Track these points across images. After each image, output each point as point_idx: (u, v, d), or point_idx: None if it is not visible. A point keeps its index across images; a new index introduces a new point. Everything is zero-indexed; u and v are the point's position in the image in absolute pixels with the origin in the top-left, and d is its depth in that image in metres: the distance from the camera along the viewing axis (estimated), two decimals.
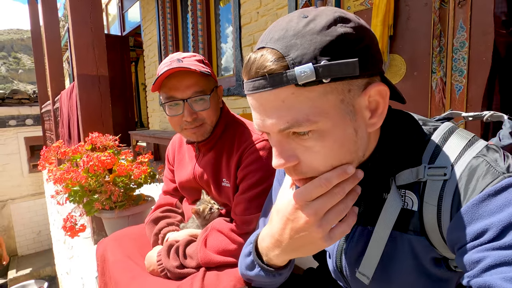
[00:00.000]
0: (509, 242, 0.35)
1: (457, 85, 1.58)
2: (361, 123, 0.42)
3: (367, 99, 0.41)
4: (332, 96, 0.39)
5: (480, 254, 0.36)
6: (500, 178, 0.38)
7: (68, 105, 2.26)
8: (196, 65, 0.84)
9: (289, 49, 0.38)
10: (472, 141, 0.43)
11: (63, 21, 10.78)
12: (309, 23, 0.39)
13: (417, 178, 0.44)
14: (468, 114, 0.55)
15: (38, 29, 5.32)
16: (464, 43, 1.53)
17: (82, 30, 1.58)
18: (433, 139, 0.46)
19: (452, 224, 0.41)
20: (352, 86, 0.39)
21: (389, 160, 0.47)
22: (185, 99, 0.85)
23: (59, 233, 2.94)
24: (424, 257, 0.46)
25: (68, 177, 1.31)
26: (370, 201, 0.51)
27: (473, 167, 0.40)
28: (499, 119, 0.51)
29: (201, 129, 0.89)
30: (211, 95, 0.88)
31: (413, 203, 0.45)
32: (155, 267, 0.86)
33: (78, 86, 1.62)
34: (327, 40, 0.38)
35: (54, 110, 3.52)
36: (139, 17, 5.07)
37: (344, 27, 0.39)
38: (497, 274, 0.34)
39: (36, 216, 8.08)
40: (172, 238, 0.93)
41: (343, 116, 0.40)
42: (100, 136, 1.49)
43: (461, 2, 1.51)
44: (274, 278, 0.56)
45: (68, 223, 1.35)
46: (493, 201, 0.37)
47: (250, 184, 0.84)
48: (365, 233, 0.51)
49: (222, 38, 3.54)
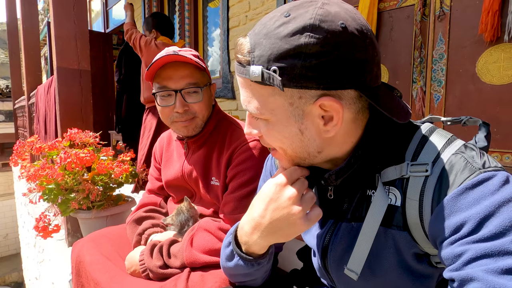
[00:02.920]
0: (488, 234, 0.36)
1: (436, 94, 1.65)
2: (311, 127, 0.45)
3: (318, 109, 0.43)
4: (280, 98, 0.43)
5: (461, 248, 0.37)
6: (477, 173, 0.40)
7: (45, 100, 2.16)
8: (192, 58, 0.84)
9: (255, 47, 0.42)
10: (451, 140, 0.46)
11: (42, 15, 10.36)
12: (283, 25, 0.41)
13: (401, 175, 0.46)
14: (446, 119, 0.57)
15: (15, 22, 5.08)
16: (442, 55, 1.61)
17: (64, 22, 1.52)
18: (415, 138, 0.47)
19: (433, 217, 0.42)
20: (304, 95, 0.42)
21: (373, 157, 0.48)
22: (178, 90, 0.83)
23: (29, 236, 2.77)
24: (406, 253, 0.47)
25: (43, 174, 1.24)
26: (354, 198, 0.51)
27: (452, 163, 0.42)
28: (475, 123, 0.54)
29: (192, 123, 0.87)
30: (204, 89, 0.87)
31: (397, 198, 0.46)
32: (136, 268, 0.82)
33: (57, 80, 1.54)
34: (284, 48, 0.40)
35: (29, 105, 3.35)
36: (123, 14, 4.96)
37: (310, 37, 0.39)
38: (478, 266, 0.35)
39: (3, 218, 7.61)
40: (156, 239, 0.90)
41: (288, 117, 0.44)
42: (80, 133, 1.43)
43: (441, 16, 1.59)
44: (253, 267, 0.56)
45: (41, 223, 1.27)
46: (470, 194, 0.39)
47: (240, 183, 0.83)
48: (349, 230, 0.52)
49: (209, 40, 3.52)
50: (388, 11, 1.79)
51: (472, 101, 1.53)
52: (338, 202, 0.54)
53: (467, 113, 1.55)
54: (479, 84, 1.50)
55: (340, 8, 0.42)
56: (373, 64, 0.42)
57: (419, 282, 0.49)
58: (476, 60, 1.50)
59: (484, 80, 1.48)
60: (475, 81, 1.51)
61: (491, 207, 0.37)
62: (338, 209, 0.54)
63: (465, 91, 1.54)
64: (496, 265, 0.34)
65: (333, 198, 0.55)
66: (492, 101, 1.46)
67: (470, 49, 1.51)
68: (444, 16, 1.58)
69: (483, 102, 1.49)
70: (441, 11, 1.58)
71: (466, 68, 1.53)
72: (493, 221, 0.36)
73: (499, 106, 1.45)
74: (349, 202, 0.52)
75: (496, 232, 0.36)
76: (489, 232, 0.36)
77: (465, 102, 1.55)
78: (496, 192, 0.38)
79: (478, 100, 1.51)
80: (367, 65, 0.41)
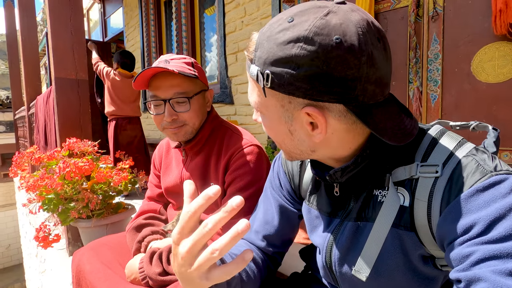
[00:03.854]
0: (497, 236, 0.36)
1: (432, 94, 1.66)
2: (299, 130, 0.46)
3: (306, 116, 0.43)
4: (273, 98, 0.45)
5: (469, 249, 0.37)
6: (488, 175, 0.40)
7: (44, 110, 2.17)
8: (182, 67, 0.84)
9: (259, 47, 0.44)
10: (462, 142, 0.45)
11: (41, 25, 10.46)
12: (283, 30, 0.41)
13: (410, 175, 0.46)
14: (455, 124, 0.57)
15: (14, 33, 5.13)
16: (437, 55, 1.62)
17: (61, 32, 1.53)
18: (426, 139, 0.47)
19: (442, 219, 0.42)
20: (293, 100, 0.43)
21: (382, 157, 0.48)
22: (167, 100, 0.85)
23: (31, 246, 2.77)
24: (412, 254, 0.47)
25: (43, 184, 1.25)
26: (360, 196, 0.51)
27: (463, 165, 0.42)
28: (485, 129, 0.54)
29: (181, 130, 0.89)
30: (194, 98, 0.88)
31: (405, 199, 0.46)
32: (136, 275, 0.82)
33: (55, 90, 1.56)
34: (278, 55, 0.41)
35: (29, 116, 3.37)
36: (122, 23, 5.01)
37: (301, 48, 0.39)
38: (486, 267, 0.35)
39: (6, 228, 7.61)
40: (155, 246, 0.90)
41: (279, 117, 0.46)
42: (78, 142, 1.43)
43: (434, 16, 1.60)
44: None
45: (41, 233, 1.27)
46: (481, 196, 0.39)
47: (238, 188, 0.83)
48: (354, 229, 0.51)
49: (206, 46, 3.55)
50: (383, 12, 1.81)
51: (468, 100, 1.53)
52: (344, 200, 0.54)
53: (463, 112, 1.55)
54: (475, 83, 1.50)
55: (344, 19, 0.39)
56: (367, 82, 0.40)
57: (423, 284, 0.49)
58: (471, 59, 1.51)
59: (479, 79, 1.49)
60: (471, 80, 1.51)
61: (502, 210, 0.37)
62: (343, 208, 0.54)
63: (461, 90, 1.55)
64: (504, 266, 0.34)
65: (339, 195, 0.55)
66: (488, 99, 1.47)
67: (465, 48, 1.52)
68: (438, 17, 1.59)
69: (479, 101, 1.50)
70: (435, 12, 1.60)
71: (462, 67, 1.54)
72: (504, 223, 0.36)
73: (495, 104, 1.45)
74: (355, 200, 0.52)
75: (506, 235, 0.35)
76: (498, 234, 0.36)
77: (462, 101, 1.55)
78: (507, 195, 0.38)
79: (474, 98, 1.51)
80: (359, 84, 0.39)
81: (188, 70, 0.86)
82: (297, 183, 0.66)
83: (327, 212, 0.57)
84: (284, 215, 0.67)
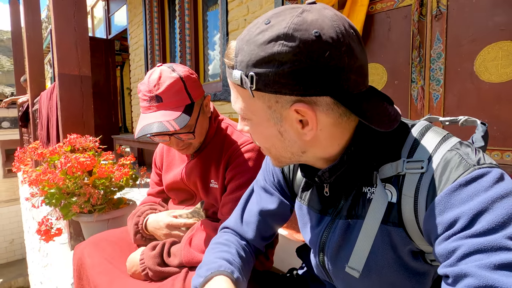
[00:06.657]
0: (481, 229, 0.36)
1: (434, 93, 1.65)
2: (289, 130, 0.46)
3: (295, 114, 0.44)
4: (259, 101, 0.45)
5: (454, 244, 0.38)
6: (471, 169, 0.40)
7: (47, 106, 2.19)
8: (176, 104, 0.80)
9: (238, 52, 0.44)
10: (447, 137, 0.46)
11: (46, 23, 10.52)
12: (261, 32, 0.42)
13: (397, 171, 0.46)
14: (445, 119, 0.58)
15: (19, 30, 5.18)
16: (440, 54, 1.61)
17: (65, 29, 1.55)
18: (411, 135, 0.48)
19: (427, 214, 0.42)
20: (280, 99, 0.43)
21: (367, 154, 0.49)
22: (171, 134, 0.85)
23: (34, 240, 2.80)
24: (402, 249, 0.47)
25: (45, 178, 1.26)
26: (350, 195, 0.52)
27: (447, 160, 0.42)
28: (473, 124, 0.54)
29: (189, 148, 0.91)
30: (197, 122, 0.86)
31: (392, 195, 0.47)
32: (137, 268, 0.83)
33: (58, 86, 1.57)
34: (260, 55, 0.41)
35: (33, 112, 3.40)
36: (125, 20, 5.03)
37: (283, 45, 0.40)
38: (472, 262, 0.35)
39: (9, 223, 7.69)
40: (152, 218, 0.94)
41: (267, 119, 0.46)
42: (80, 137, 1.45)
43: (438, 15, 1.59)
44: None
45: (43, 226, 1.29)
46: (464, 190, 0.39)
47: (238, 185, 0.84)
48: (345, 227, 0.52)
49: (209, 44, 3.55)
50: (386, 11, 1.80)
51: (471, 100, 1.52)
52: (334, 199, 0.55)
53: (466, 112, 1.54)
54: (477, 83, 1.49)
55: (319, 15, 0.41)
56: (350, 72, 0.41)
57: (415, 279, 0.49)
58: (474, 58, 1.49)
59: (482, 78, 1.48)
60: (474, 80, 1.50)
61: (485, 203, 0.37)
62: (334, 206, 0.55)
63: (464, 89, 1.54)
64: (489, 260, 0.34)
65: (329, 195, 0.55)
66: (491, 99, 1.46)
67: (468, 47, 1.51)
68: (441, 16, 1.58)
69: (482, 100, 1.49)
70: (438, 11, 1.59)
71: (464, 66, 1.53)
72: (486, 216, 0.37)
73: (498, 104, 1.44)
74: (345, 199, 0.53)
75: (489, 228, 0.36)
76: (482, 227, 0.36)
77: (464, 100, 1.54)
78: (489, 189, 0.38)
79: (477, 98, 1.50)
80: (342, 74, 0.41)
81: (182, 104, 0.80)
82: (290, 179, 0.66)
83: (318, 210, 0.58)
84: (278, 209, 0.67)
